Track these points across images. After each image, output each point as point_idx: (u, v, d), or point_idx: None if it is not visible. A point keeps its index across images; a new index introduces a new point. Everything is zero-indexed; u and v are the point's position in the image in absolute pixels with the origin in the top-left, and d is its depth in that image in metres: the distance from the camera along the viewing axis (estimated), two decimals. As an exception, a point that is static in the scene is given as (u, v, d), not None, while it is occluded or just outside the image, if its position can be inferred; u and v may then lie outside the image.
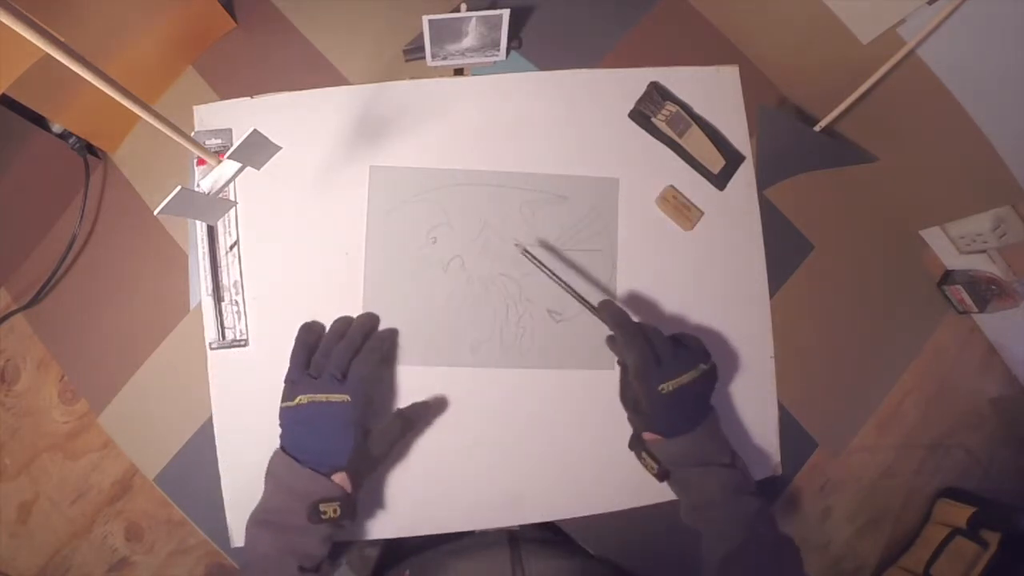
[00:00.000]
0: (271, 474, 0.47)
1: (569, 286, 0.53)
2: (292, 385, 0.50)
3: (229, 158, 0.42)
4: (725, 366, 0.59)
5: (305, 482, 0.45)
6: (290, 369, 0.51)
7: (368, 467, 0.49)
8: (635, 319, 0.52)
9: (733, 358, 0.60)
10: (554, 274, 0.53)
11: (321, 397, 0.47)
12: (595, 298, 0.54)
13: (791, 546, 0.47)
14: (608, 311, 0.51)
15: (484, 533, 0.60)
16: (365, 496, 0.55)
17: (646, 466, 0.51)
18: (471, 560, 0.55)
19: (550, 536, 0.62)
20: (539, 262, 0.53)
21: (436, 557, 0.57)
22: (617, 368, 0.57)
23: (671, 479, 0.50)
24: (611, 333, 0.52)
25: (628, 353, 0.49)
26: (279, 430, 0.49)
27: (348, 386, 0.48)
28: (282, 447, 0.48)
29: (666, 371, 0.48)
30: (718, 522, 0.48)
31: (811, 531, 0.89)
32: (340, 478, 0.46)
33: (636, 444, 0.52)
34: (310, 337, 0.53)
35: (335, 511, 0.45)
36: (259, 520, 0.46)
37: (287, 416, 0.48)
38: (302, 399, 0.48)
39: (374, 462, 0.50)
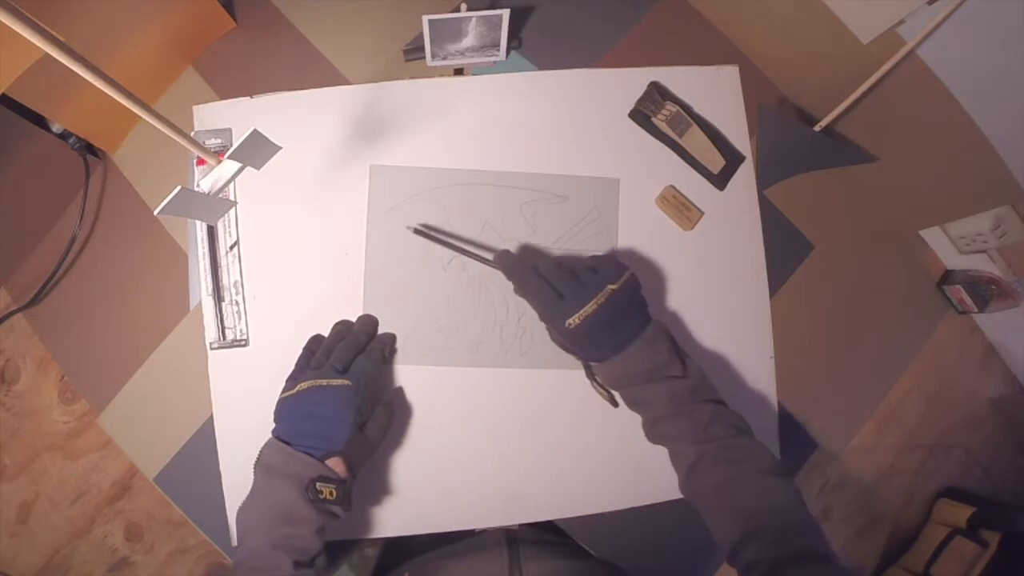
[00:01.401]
0: (261, 463, 0.46)
1: (464, 249, 0.54)
2: (293, 380, 0.50)
3: (229, 158, 0.42)
4: (725, 366, 0.59)
5: (300, 466, 0.44)
6: (292, 372, 0.51)
7: (363, 455, 0.49)
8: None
9: (733, 358, 0.60)
10: (448, 242, 0.54)
11: (322, 381, 0.48)
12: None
13: (752, 452, 0.46)
14: (501, 261, 0.51)
15: (483, 534, 0.60)
16: (366, 495, 0.55)
17: (600, 394, 0.52)
18: (469, 561, 0.55)
19: (549, 537, 0.62)
20: (432, 235, 0.55)
21: (435, 559, 0.57)
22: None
23: (626, 401, 0.50)
24: (513, 286, 0.52)
25: (527, 297, 0.50)
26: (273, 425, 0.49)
27: (349, 374, 0.49)
28: (275, 435, 0.47)
29: (568, 305, 0.47)
30: (671, 439, 0.48)
31: (811, 531, 0.89)
32: (335, 462, 0.46)
33: (588, 373, 0.53)
34: (315, 345, 0.54)
35: (332, 493, 0.44)
36: (248, 511, 0.45)
37: (285, 405, 0.48)
38: (303, 386, 0.48)
39: (369, 451, 0.50)
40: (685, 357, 0.49)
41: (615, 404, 0.51)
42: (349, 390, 0.47)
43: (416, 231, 0.55)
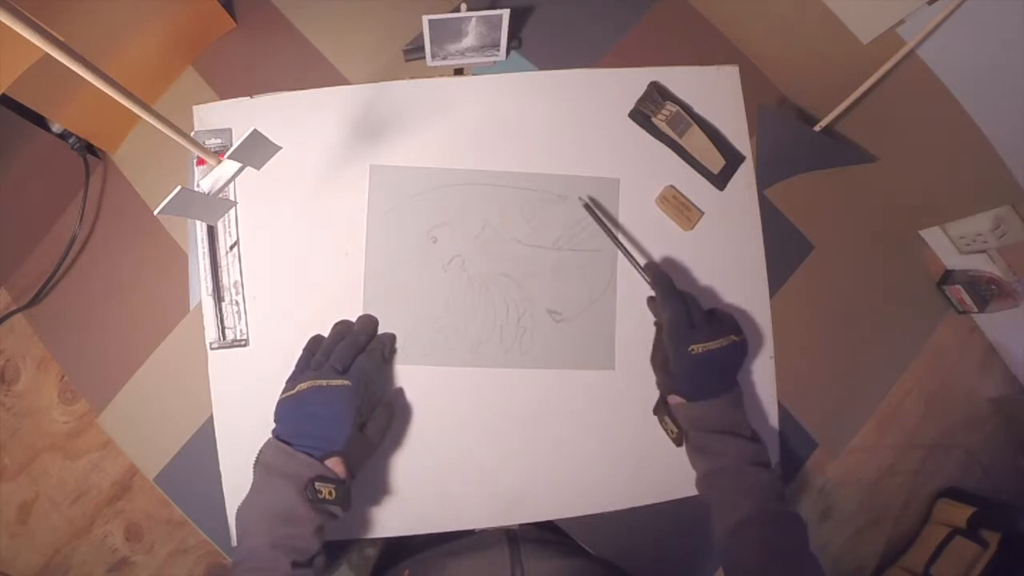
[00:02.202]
0: (261, 463, 0.46)
1: (621, 244, 0.56)
2: (293, 381, 0.50)
3: (229, 158, 0.42)
4: (725, 366, 0.59)
5: (299, 466, 0.45)
6: (292, 372, 0.51)
7: (363, 456, 0.49)
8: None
9: (733, 358, 0.59)
10: (610, 231, 0.56)
11: (322, 382, 0.48)
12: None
13: (798, 522, 0.48)
14: (651, 271, 0.54)
15: (484, 533, 0.60)
16: (366, 495, 0.55)
17: (666, 430, 0.53)
18: (470, 560, 0.55)
19: (550, 536, 0.62)
20: (599, 216, 0.56)
21: (435, 557, 0.57)
22: (617, 368, 0.57)
23: (688, 444, 0.51)
24: (651, 294, 0.55)
25: (664, 310, 0.52)
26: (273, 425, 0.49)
27: (349, 375, 0.49)
28: (275, 436, 0.47)
29: (698, 334, 0.50)
30: (729, 490, 0.49)
31: (811, 531, 0.89)
32: (334, 463, 0.46)
33: (660, 408, 0.54)
34: (315, 346, 0.54)
35: (331, 493, 0.44)
36: (247, 511, 0.45)
37: (285, 405, 0.48)
38: (302, 386, 0.48)
39: (369, 451, 0.50)
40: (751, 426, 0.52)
41: (679, 443, 0.52)
42: (349, 390, 0.47)
43: (586, 206, 0.56)
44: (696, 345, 0.49)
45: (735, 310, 0.60)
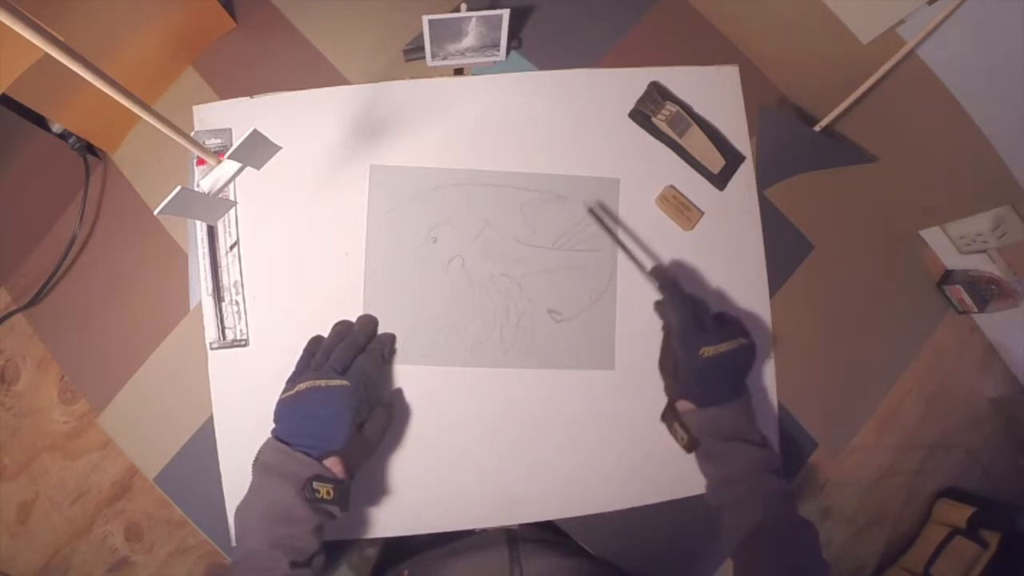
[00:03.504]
0: (259, 463, 0.46)
1: (625, 246, 0.56)
2: (292, 382, 0.50)
3: (229, 158, 0.42)
4: (725, 366, 0.59)
5: (297, 466, 0.45)
6: (292, 373, 0.51)
7: (362, 456, 0.49)
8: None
9: (733, 358, 0.59)
10: (614, 233, 0.56)
11: (321, 382, 0.48)
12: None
13: (810, 530, 0.48)
14: (658, 274, 0.54)
15: (483, 533, 0.60)
16: (366, 495, 0.55)
17: (676, 437, 0.52)
18: (469, 559, 0.55)
19: (549, 536, 0.62)
20: (604, 220, 0.56)
21: (435, 558, 0.57)
22: (617, 368, 0.57)
23: (699, 451, 0.51)
24: (658, 298, 0.54)
25: (674, 314, 0.51)
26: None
27: (348, 375, 0.49)
28: (274, 436, 0.47)
29: (708, 337, 0.49)
30: (741, 498, 0.49)
31: (811, 531, 0.89)
32: (333, 463, 0.46)
33: (669, 415, 0.53)
34: (314, 347, 0.54)
35: (328, 492, 0.44)
36: (246, 511, 0.45)
37: (285, 405, 0.48)
38: (301, 386, 0.48)
39: (368, 451, 0.50)
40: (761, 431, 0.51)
41: (690, 450, 0.51)
42: (347, 390, 0.47)
43: (591, 211, 0.56)
44: (707, 348, 0.49)
45: (735, 310, 0.60)
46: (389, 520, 0.55)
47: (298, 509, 0.44)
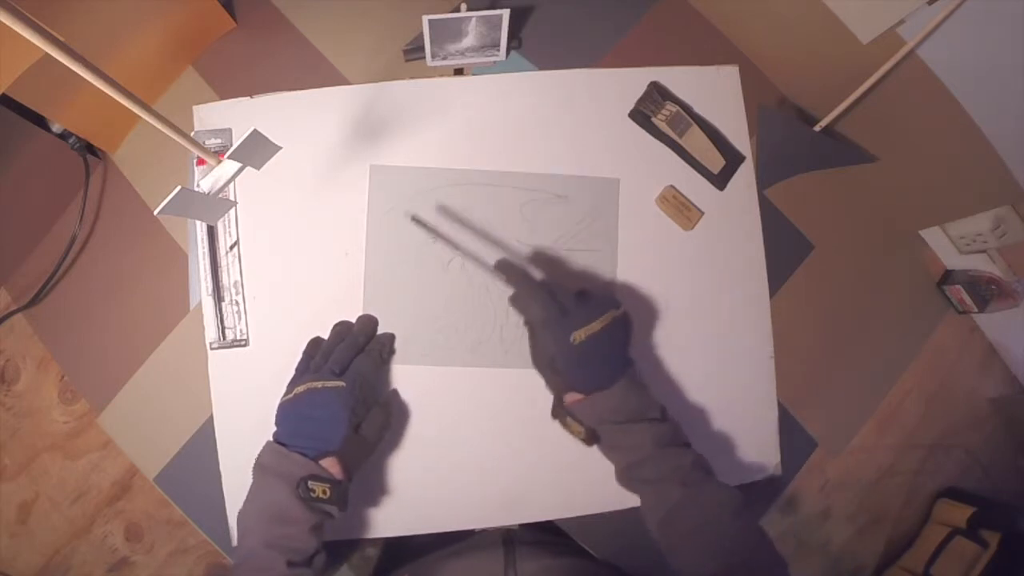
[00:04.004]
0: (258, 464, 0.47)
1: (459, 247, 0.54)
2: (292, 385, 0.50)
3: (229, 158, 0.42)
4: (725, 366, 0.59)
5: (292, 465, 0.45)
6: (292, 376, 0.52)
7: (360, 456, 0.49)
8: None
9: (733, 358, 0.59)
10: (445, 237, 0.55)
11: (317, 384, 0.48)
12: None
13: (727, 492, 0.45)
14: (504, 269, 0.51)
15: (481, 534, 0.60)
16: (366, 495, 0.55)
17: (572, 432, 0.49)
18: (466, 560, 0.55)
19: (547, 537, 0.62)
20: (430, 227, 0.55)
21: (434, 560, 0.57)
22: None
23: (600, 442, 0.48)
24: (512, 292, 0.51)
25: (532, 306, 0.48)
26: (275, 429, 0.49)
27: (345, 376, 0.49)
28: (274, 439, 0.48)
29: (574, 319, 0.47)
30: (653, 481, 0.46)
31: (811, 531, 0.89)
32: (330, 463, 0.46)
33: (558, 411, 0.50)
34: (313, 349, 0.54)
35: (325, 492, 0.44)
36: (246, 512, 0.45)
37: (283, 409, 0.49)
38: (299, 389, 0.48)
39: (366, 451, 0.50)
40: (658, 401, 0.49)
41: (591, 443, 0.49)
42: (344, 391, 0.48)
43: (414, 219, 0.55)
44: (578, 332, 0.46)
45: (735, 310, 0.60)
46: (389, 520, 0.55)
47: (294, 509, 0.44)
